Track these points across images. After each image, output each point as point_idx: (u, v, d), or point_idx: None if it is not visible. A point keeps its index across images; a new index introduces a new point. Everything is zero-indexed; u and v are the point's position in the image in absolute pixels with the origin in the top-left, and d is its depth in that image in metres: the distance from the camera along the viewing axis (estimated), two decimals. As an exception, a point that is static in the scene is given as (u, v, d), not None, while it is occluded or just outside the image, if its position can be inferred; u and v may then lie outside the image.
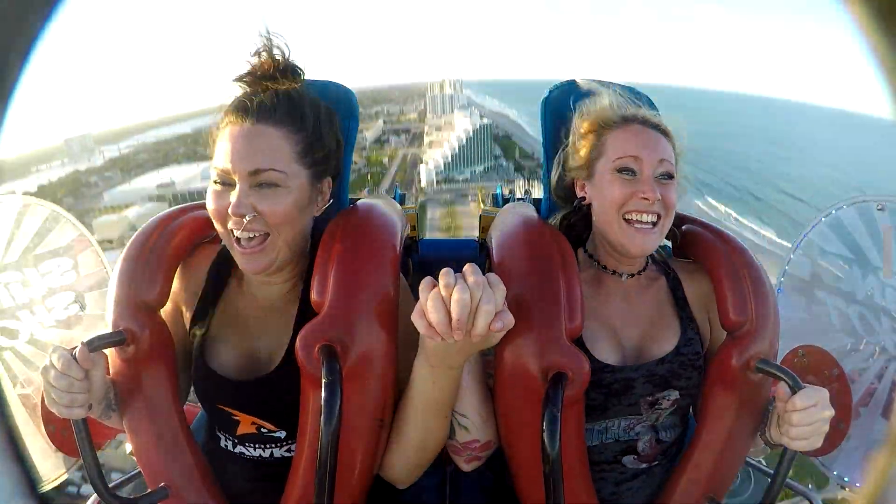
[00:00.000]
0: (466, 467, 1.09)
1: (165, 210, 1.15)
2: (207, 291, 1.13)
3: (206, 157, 1.03)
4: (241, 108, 0.99)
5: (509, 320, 0.78)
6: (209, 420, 1.17)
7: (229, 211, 0.95)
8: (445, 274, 0.77)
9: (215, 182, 0.99)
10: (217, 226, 1.00)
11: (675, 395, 1.12)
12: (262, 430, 1.07)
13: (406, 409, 0.99)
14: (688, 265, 1.24)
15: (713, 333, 1.18)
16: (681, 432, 1.19)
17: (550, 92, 1.35)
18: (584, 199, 1.16)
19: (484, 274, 0.78)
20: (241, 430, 1.08)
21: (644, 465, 1.14)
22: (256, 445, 1.09)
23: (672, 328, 1.15)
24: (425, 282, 0.79)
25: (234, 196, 0.95)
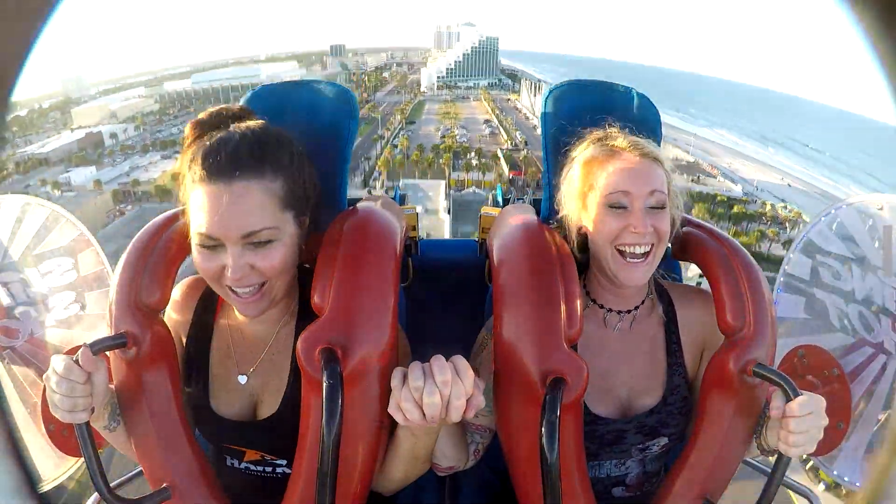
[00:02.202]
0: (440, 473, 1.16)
1: (165, 212, 1.13)
2: (197, 334, 1.13)
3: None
4: (214, 167, 0.91)
5: (480, 402, 0.85)
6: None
7: (228, 277, 0.93)
8: (415, 374, 0.82)
9: (201, 246, 0.94)
10: (210, 283, 0.99)
11: (664, 441, 1.16)
12: (266, 458, 1.11)
13: (391, 457, 1.02)
14: (686, 289, 1.24)
15: (703, 364, 1.18)
16: (666, 459, 1.22)
17: (550, 92, 1.36)
18: (580, 228, 1.14)
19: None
20: (247, 458, 1.12)
21: (630, 494, 1.19)
22: (262, 467, 1.12)
23: (660, 373, 1.17)
24: (396, 373, 0.85)
25: (227, 258, 0.93)
